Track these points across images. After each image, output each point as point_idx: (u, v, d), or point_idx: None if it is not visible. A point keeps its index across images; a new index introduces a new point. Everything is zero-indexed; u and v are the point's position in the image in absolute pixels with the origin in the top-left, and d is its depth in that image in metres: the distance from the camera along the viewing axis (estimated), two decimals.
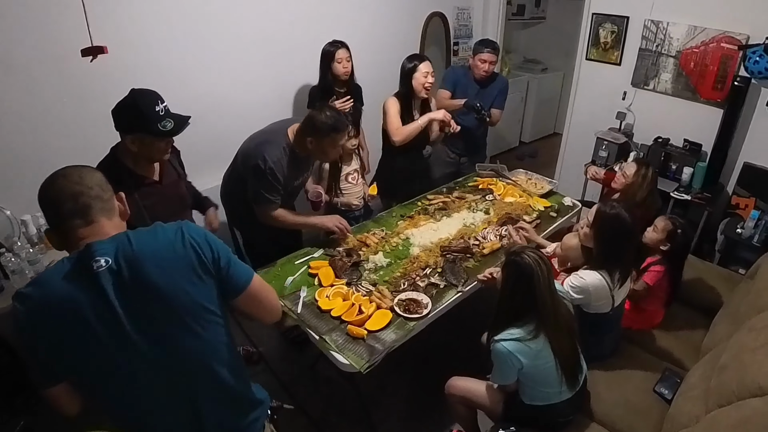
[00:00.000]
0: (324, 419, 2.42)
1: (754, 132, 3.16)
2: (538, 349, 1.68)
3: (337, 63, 2.77)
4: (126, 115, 1.63)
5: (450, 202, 2.82)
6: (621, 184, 2.56)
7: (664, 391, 2.01)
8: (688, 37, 3.26)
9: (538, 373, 1.72)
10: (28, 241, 2.31)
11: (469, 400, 1.98)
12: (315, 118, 2.10)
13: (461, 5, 4.29)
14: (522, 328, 1.68)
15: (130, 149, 1.67)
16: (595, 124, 3.85)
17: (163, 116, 1.64)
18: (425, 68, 2.70)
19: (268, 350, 2.82)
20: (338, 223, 2.34)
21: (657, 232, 2.25)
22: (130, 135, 1.65)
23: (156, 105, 1.63)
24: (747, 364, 1.62)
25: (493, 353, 1.72)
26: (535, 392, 1.78)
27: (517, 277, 1.68)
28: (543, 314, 1.67)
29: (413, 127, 2.71)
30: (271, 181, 2.13)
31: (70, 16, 2.14)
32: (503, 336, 1.69)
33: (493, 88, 3.15)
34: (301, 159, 2.25)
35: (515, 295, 1.70)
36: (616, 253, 1.93)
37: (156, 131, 1.62)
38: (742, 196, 3.18)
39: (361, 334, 1.85)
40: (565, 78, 5.74)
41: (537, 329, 1.67)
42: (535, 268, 1.64)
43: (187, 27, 2.68)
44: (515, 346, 1.67)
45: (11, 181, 2.39)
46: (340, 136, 2.15)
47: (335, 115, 2.13)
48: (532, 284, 1.64)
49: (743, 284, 2.45)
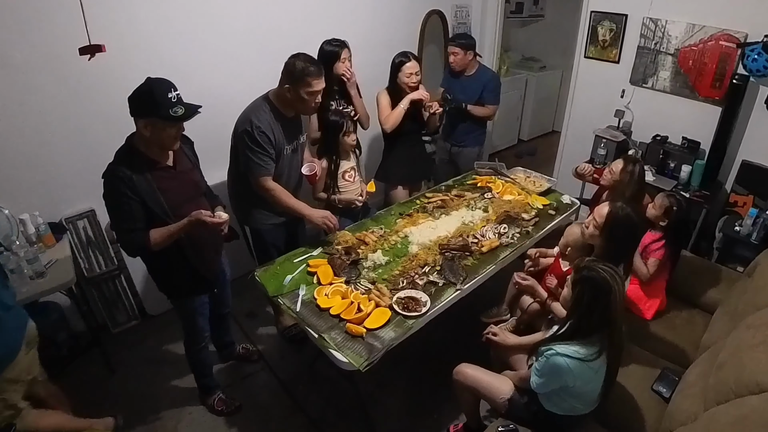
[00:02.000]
0: (323, 417, 2.42)
1: (753, 130, 3.16)
2: (596, 370, 1.62)
3: (340, 63, 2.77)
4: (140, 101, 1.71)
5: (448, 200, 2.82)
6: (608, 181, 2.57)
7: (662, 389, 2.02)
8: (686, 35, 3.25)
9: (583, 392, 1.68)
10: (26, 240, 2.31)
11: (476, 390, 1.98)
12: (290, 66, 2.17)
13: (460, 3, 4.28)
14: (587, 347, 1.59)
15: (143, 134, 1.75)
16: (593, 122, 3.84)
17: (175, 103, 1.73)
18: (410, 68, 2.86)
19: (267, 349, 2.82)
20: (326, 221, 2.34)
21: (655, 209, 2.37)
22: (143, 119, 1.73)
23: (169, 92, 1.72)
24: (745, 361, 1.62)
25: (550, 363, 1.62)
26: (565, 404, 1.74)
27: (595, 294, 1.57)
28: (613, 334, 1.61)
29: (397, 111, 2.89)
30: (260, 143, 2.16)
31: (67, 15, 2.13)
32: (565, 350, 1.59)
33: (476, 82, 3.28)
34: (287, 120, 2.29)
35: (591, 314, 1.59)
36: (623, 252, 1.97)
37: (167, 116, 1.70)
38: (740, 194, 3.19)
39: (360, 332, 1.85)
40: (564, 76, 5.73)
41: (601, 351, 1.60)
42: (613, 285, 1.55)
43: (186, 25, 2.68)
44: (578, 366, 1.58)
45: (9, 180, 2.39)
46: (315, 80, 2.18)
47: (309, 60, 2.18)
48: (609, 301, 1.56)
49: (741, 282, 2.45)
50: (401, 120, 2.92)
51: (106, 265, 2.79)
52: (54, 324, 2.60)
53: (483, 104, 3.30)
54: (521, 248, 2.47)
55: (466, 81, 3.32)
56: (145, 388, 2.56)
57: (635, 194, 2.46)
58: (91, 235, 2.70)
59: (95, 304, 2.83)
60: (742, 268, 2.86)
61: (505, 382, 1.94)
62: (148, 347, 2.82)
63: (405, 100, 2.88)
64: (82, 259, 2.69)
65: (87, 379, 2.60)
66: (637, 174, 2.48)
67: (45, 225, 2.42)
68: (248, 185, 2.29)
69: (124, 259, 2.83)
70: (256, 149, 2.17)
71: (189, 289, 2.08)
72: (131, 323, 2.98)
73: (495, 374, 1.99)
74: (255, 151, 2.18)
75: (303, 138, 2.48)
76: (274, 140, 2.22)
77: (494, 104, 3.35)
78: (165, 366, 2.69)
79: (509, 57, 5.64)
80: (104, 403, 2.46)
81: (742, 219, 3.08)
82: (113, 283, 2.85)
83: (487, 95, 3.30)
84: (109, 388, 2.56)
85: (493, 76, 3.38)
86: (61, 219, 2.59)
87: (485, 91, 3.29)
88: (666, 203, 2.35)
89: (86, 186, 2.62)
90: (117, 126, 2.55)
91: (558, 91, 5.96)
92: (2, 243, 2.24)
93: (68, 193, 2.60)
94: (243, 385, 2.58)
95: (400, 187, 3.15)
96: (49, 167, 2.49)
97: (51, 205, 2.54)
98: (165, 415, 2.41)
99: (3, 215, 2.30)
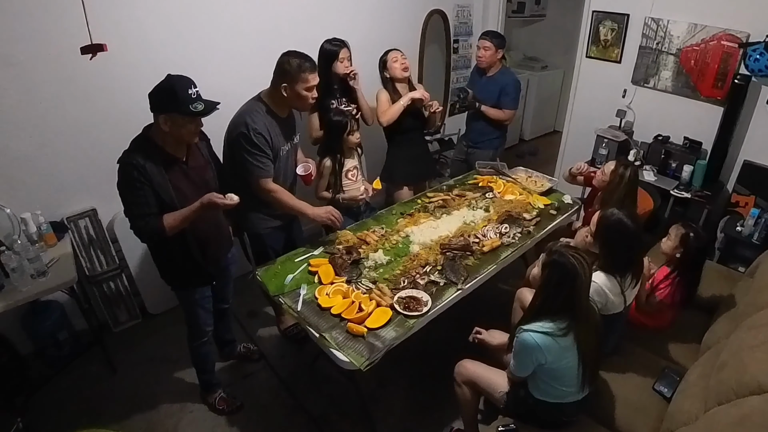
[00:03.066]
0: (324, 417, 2.42)
1: (755, 130, 3.15)
2: (566, 347, 1.67)
3: (339, 62, 2.77)
4: (161, 96, 1.75)
5: (450, 199, 2.82)
6: (599, 182, 2.56)
7: (664, 389, 2.02)
8: (688, 34, 3.25)
9: (559, 371, 1.71)
10: (28, 239, 2.32)
11: (476, 384, 2.00)
12: (284, 63, 2.17)
13: (461, 2, 4.27)
14: (554, 323, 1.66)
15: (162, 129, 1.78)
16: (595, 121, 3.84)
17: (195, 99, 1.77)
18: (393, 55, 2.95)
19: (268, 348, 2.83)
20: (330, 215, 2.35)
21: (671, 240, 2.26)
22: (164, 114, 1.76)
23: (189, 88, 1.77)
24: (746, 362, 1.62)
25: (519, 342, 1.70)
26: (550, 389, 1.77)
27: (561, 277, 1.65)
28: (579, 315, 1.66)
29: (396, 107, 2.89)
30: (258, 144, 2.15)
31: (69, 14, 2.14)
32: (533, 327, 1.67)
33: (495, 84, 3.24)
34: (282, 120, 2.28)
35: (557, 295, 1.67)
36: (622, 258, 1.95)
37: (187, 111, 1.75)
38: (742, 194, 3.18)
39: (361, 331, 1.85)
40: (565, 76, 5.73)
41: (569, 328, 1.65)
42: (579, 271, 1.62)
43: (187, 24, 2.68)
44: (544, 340, 1.65)
45: (11, 179, 2.39)
46: (311, 74, 2.19)
47: (302, 56, 2.19)
48: (575, 286, 1.63)
49: (743, 282, 2.45)
50: (405, 119, 2.94)
51: (107, 264, 2.79)
52: (55, 323, 2.61)
53: (500, 107, 3.24)
54: (522, 248, 2.47)
55: (487, 81, 3.29)
56: (146, 386, 2.56)
57: (625, 197, 2.45)
58: (93, 234, 2.71)
59: (96, 303, 2.84)
60: (743, 269, 2.86)
61: (504, 376, 1.96)
62: (149, 346, 2.83)
63: (405, 98, 2.89)
64: (83, 258, 2.69)
65: (88, 377, 2.60)
66: (628, 177, 2.46)
67: (47, 224, 2.43)
68: (244, 189, 2.22)
69: (126, 258, 2.84)
70: (253, 151, 2.15)
71: (187, 279, 2.09)
72: (132, 322, 2.98)
73: (495, 369, 2.00)
74: (253, 154, 2.16)
75: (297, 138, 2.46)
76: (270, 141, 2.20)
77: (511, 109, 3.26)
78: (166, 365, 2.69)
79: (510, 57, 5.64)
80: (105, 401, 2.46)
81: (743, 219, 3.08)
82: (114, 282, 2.86)
83: (504, 98, 3.22)
84: (111, 387, 2.56)
85: (513, 80, 3.28)
86: (63, 218, 2.59)
87: (502, 94, 3.22)
88: (682, 231, 2.22)
89: (88, 185, 2.63)
90: (119, 125, 2.58)
91: (559, 91, 5.96)
92: (4, 242, 2.25)
93: (70, 192, 2.60)
94: (244, 385, 2.59)
95: (406, 188, 3.15)
96: (51, 166, 2.49)
97: (53, 204, 2.55)
98: (166, 413, 2.42)
99: (5, 214, 2.30)
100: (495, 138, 3.40)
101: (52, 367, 2.58)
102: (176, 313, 3.00)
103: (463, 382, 2.03)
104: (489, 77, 3.29)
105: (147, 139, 1.83)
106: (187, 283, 2.10)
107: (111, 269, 2.81)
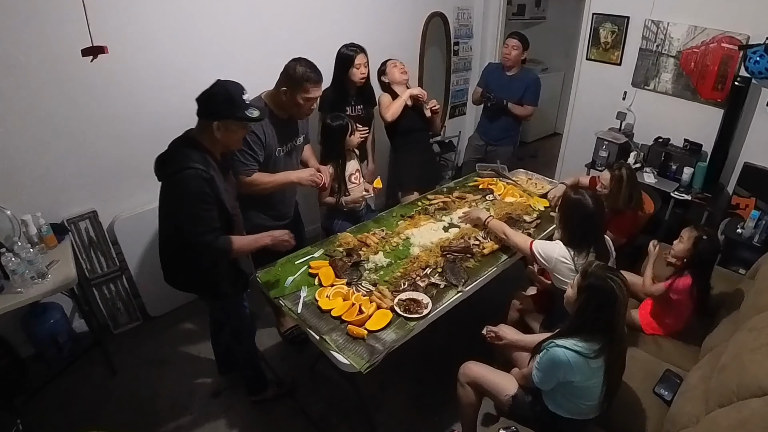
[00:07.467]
0: (324, 420, 2.42)
1: (755, 132, 3.15)
2: (595, 369, 1.64)
3: (355, 68, 2.78)
4: (216, 102, 1.71)
5: (450, 202, 2.82)
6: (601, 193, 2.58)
7: (664, 392, 2.01)
8: (688, 37, 3.25)
9: (582, 390, 1.69)
10: (28, 241, 2.32)
11: (481, 386, 1.99)
12: (290, 69, 2.17)
13: (461, 5, 4.28)
14: (587, 343, 1.63)
15: (214, 134, 1.74)
16: (595, 124, 3.85)
17: (249, 104, 1.74)
18: (392, 61, 3.06)
19: (268, 351, 2.82)
20: (315, 177, 2.37)
21: (683, 242, 2.26)
22: (218, 120, 1.71)
23: (243, 93, 1.73)
24: (747, 364, 1.62)
25: (549, 356, 1.66)
26: (568, 404, 1.75)
27: (601, 303, 1.61)
28: (614, 338, 1.64)
29: (398, 102, 2.96)
30: (248, 141, 2.12)
31: (70, 16, 2.14)
32: (567, 344, 1.63)
33: (520, 82, 3.36)
34: (281, 122, 2.28)
35: (596, 320, 1.63)
36: (577, 233, 2.03)
37: (244, 117, 1.72)
38: (742, 196, 3.18)
39: (361, 334, 1.85)
40: (566, 78, 5.74)
41: (601, 351, 1.62)
42: (618, 293, 1.59)
43: (189, 26, 2.68)
44: (577, 360, 1.61)
45: (12, 180, 2.39)
46: (313, 87, 2.19)
47: (310, 67, 2.19)
48: (614, 311, 1.60)
49: (743, 284, 2.45)
50: (408, 119, 3.00)
51: (107, 265, 2.79)
52: (55, 325, 2.61)
53: (522, 104, 3.36)
54: None
55: (510, 80, 3.39)
56: (147, 389, 2.56)
57: (630, 196, 2.53)
58: (93, 236, 2.71)
59: (97, 305, 2.83)
60: (744, 271, 2.86)
61: (510, 380, 1.95)
62: (149, 348, 2.82)
63: (405, 94, 2.96)
64: (83, 260, 2.69)
65: (88, 380, 2.60)
66: (626, 176, 2.52)
67: (47, 226, 2.43)
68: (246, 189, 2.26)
69: (126, 260, 2.84)
70: (242, 148, 2.14)
71: (239, 286, 2.08)
72: (133, 324, 2.98)
73: (501, 372, 1.99)
74: (241, 151, 2.15)
75: (299, 140, 2.45)
76: (264, 141, 2.20)
77: (534, 105, 3.41)
78: (166, 367, 2.69)
79: None
80: (105, 403, 2.46)
81: (744, 221, 3.08)
82: (115, 284, 2.86)
83: (528, 95, 3.36)
84: (111, 389, 2.55)
85: (536, 79, 3.41)
86: (63, 220, 2.59)
87: (527, 92, 3.35)
88: (695, 234, 2.23)
89: (88, 187, 2.63)
90: (119, 127, 2.60)
91: (560, 93, 5.96)
92: (4, 244, 2.25)
93: (70, 194, 2.61)
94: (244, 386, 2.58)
95: (416, 193, 3.13)
96: (51, 168, 2.49)
97: (53, 205, 2.55)
98: (166, 416, 2.41)
99: (5, 216, 2.31)
100: (515, 134, 3.56)
101: (52, 369, 2.58)
102: (176, 316, 3.01)
103: (467, 383, 2.02)
104: (512, 76, 3.39)
105: (198, 145, 1.76)
106: (239, 290, 2.10)
107: (111, 271, 2.81)
